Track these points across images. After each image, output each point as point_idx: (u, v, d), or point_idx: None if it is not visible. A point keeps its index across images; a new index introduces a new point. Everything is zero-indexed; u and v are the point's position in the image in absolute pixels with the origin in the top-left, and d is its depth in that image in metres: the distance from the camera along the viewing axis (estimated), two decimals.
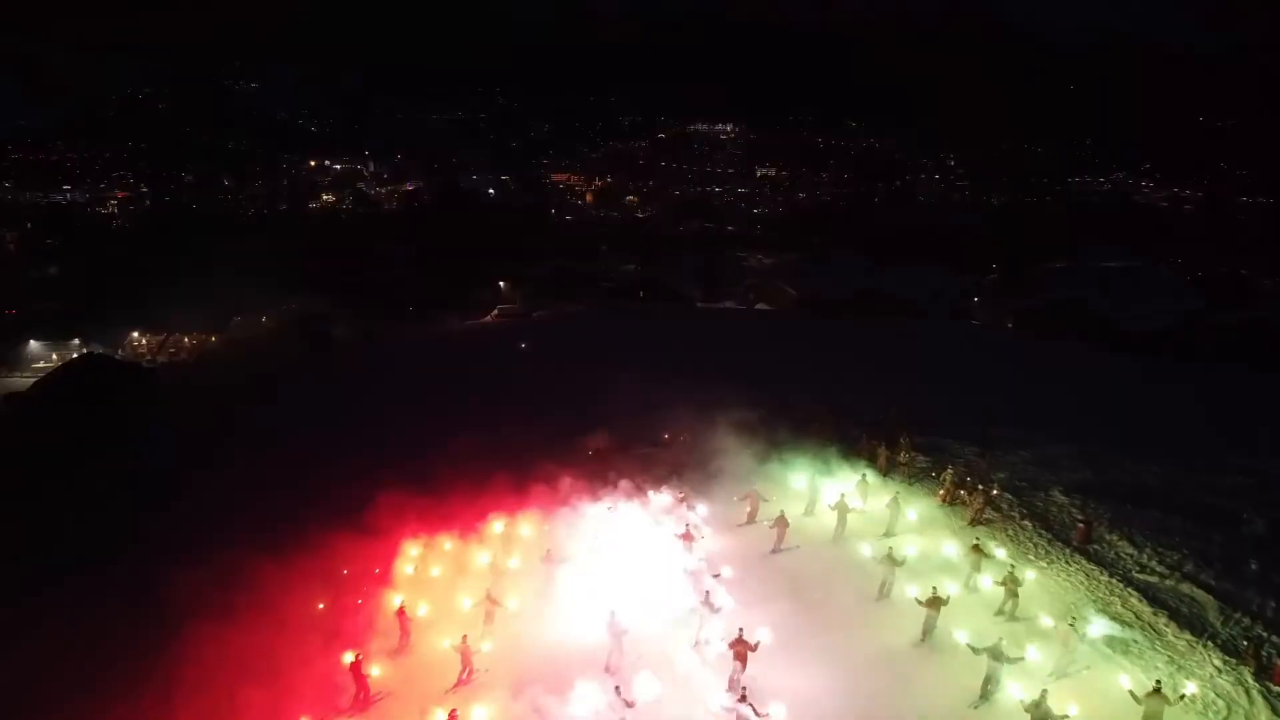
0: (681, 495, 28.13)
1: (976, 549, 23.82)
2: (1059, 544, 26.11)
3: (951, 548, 25.15)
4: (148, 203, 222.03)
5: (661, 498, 28.19)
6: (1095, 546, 26.01)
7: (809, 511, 28.60)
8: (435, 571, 25.33)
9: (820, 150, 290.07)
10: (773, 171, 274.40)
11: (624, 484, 29.12)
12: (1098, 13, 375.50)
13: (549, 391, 48.58)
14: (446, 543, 26.60)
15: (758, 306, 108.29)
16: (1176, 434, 38.80)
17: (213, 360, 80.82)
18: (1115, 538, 26.44)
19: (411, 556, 26.03)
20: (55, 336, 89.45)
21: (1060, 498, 29.55)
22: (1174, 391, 50.79)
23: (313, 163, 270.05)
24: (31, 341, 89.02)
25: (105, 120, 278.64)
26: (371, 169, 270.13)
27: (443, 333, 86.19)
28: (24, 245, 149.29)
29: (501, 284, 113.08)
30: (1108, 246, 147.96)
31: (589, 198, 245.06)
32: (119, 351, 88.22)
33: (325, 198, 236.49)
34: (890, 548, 23.52)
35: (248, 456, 40.56)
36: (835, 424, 35.85)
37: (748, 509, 28.13)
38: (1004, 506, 28.59)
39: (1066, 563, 24.92)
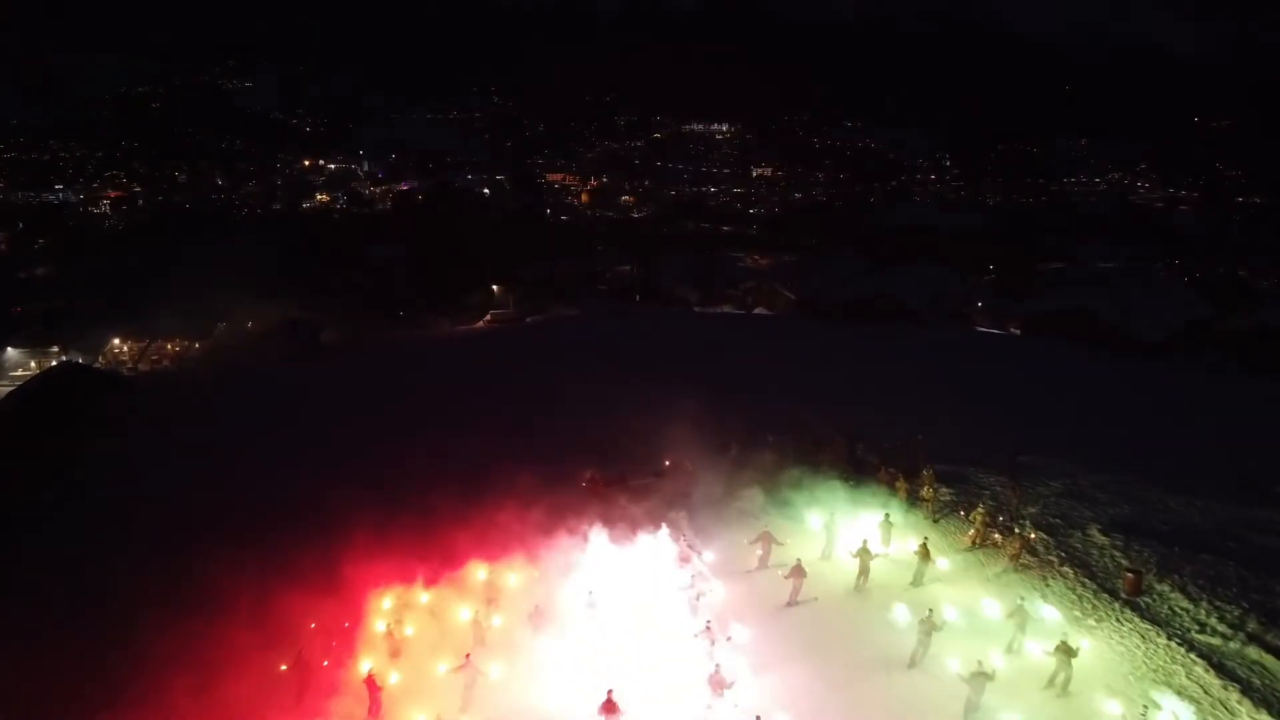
0: (686, 538, 25.41)
1: (1021, 608, 21.17)
2: (1105, 596, 23.47)
3: (992, 606, 22.42)
4: (140, 202, 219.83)
5: (664, 540, 25.47)
6: (1145, 599, 23.38)
7: (826, 555, 25.94)
8: (410, 630, 22.59)
9: (816, 150, 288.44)
10: (769, 171, 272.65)
11: (622, 524, 26.38)
12: (1093, 13, 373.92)
13: (541, 406, 46.16)
14: (423, 594, 23.88)
15: (756, 310, 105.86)
16: (1212, 459, 36.30)
17: (195, 368, 77.93)
18: (1166, 588, 23.80)
19: (384, 609, 23.37)
20: (36, 343, 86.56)
21: (1100, 538, 26.90)
22: (1198, 407, 48.45)
23: (307, 162, 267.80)
24: (9, 349, 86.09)
25: (99, 119, 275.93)
26: (366, 168, 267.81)
27: (434, 338, 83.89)
28: (15, 246, 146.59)
29: (495, 287, 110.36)
30: (1105, 247, 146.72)
31: (584, 198, 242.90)
32: (99, 359, 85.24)
33: (319, 197, 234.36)
34: (930, 611, 20.83)
35: (220, 475, 38.06)
36: (849, 450, 33.20)
37: (759, 552, 25.44)
38: (1040, 549, 25.93)
39: (1117, 620, 22.29)
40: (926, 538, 24.91)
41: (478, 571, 24.64)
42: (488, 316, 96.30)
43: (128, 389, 66.10)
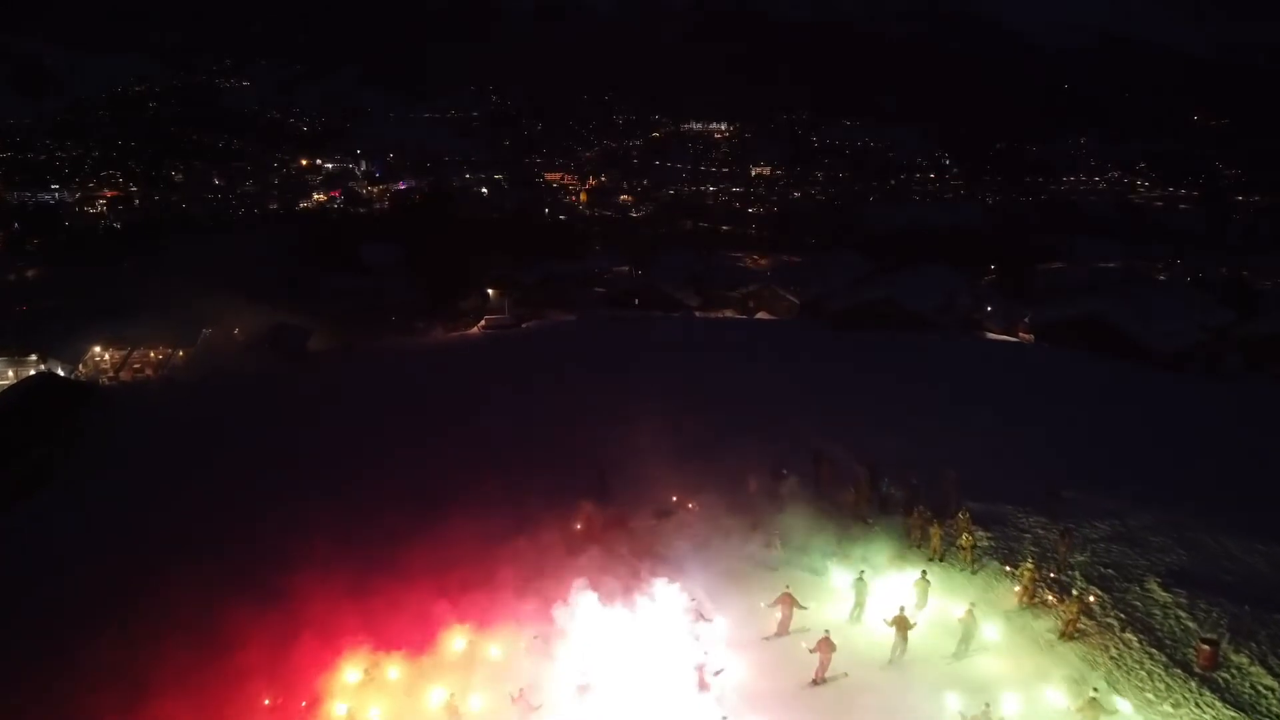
0: (693, 600, 22.23)
1: (1095, 702, 18.04)
2: (1178, 672, 20.39)
3: (1058, 695, 19.26)
4: (137, 202, 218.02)
5: (670, 604, 22.25)
6: (1223, 674, 20.33)
7: (855, 618, 22.82)
8: (375, 712, 19.49)
9: (815, 149, 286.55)
10: (767, 170, 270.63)
11: (621, 580, 23.16)
12: (1091, 14, 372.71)
13: (534, 427, 43.05)
14: (392, 668, 20.78)
15: (758, 315, 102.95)
16: (1264, 489, 33.18)
17: (175, 378, 74.87)
18: (1244, 660, 20.73)
19: (349, 685, 20.31)
20: (14, 352, 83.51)
21: (1160, 594, 23.80)
22: (1236, 426, 45.25)
23: (304, 161, 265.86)
24: None
25: (95, 119, 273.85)
26: (363, 168, 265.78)
27: (426, 346, 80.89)
28: (9, 248, 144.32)
29: (490, 291, 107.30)
30: (1105, 246, 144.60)
31: (583, 197, 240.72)
32: (80, 367, 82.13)
33: (316, 196, 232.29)
34: (987, 705, 17.66)
35: (181, 503, 35.39)
36: (873, 485, 30.01)
37: (778, 616, 22.29)
38: (1096, 610, 22.83)
39: (1197, 705, 19.19)
40: (973, 604, 21.73)
41: (455, 640, 21.52)
42: (482, 322, 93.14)
43: (103, 402, 63.28)
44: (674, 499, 29.62)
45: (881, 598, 22.77)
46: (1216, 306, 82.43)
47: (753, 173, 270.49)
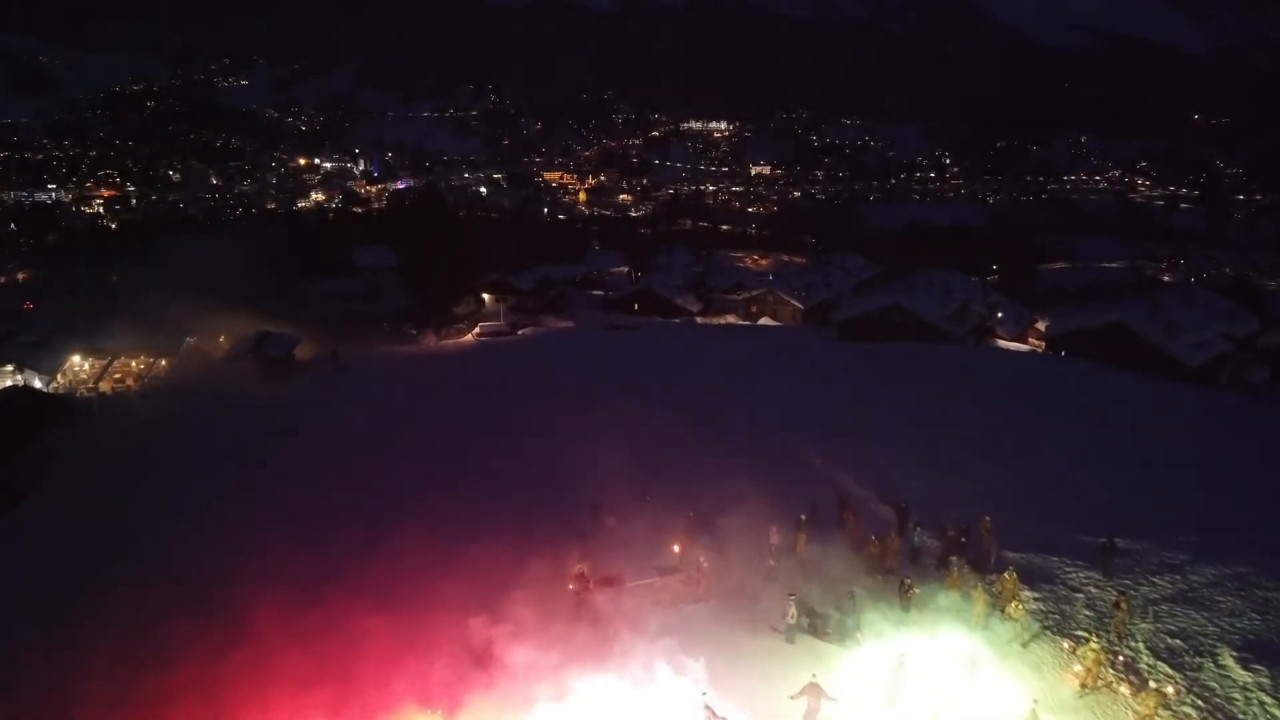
0: (704, 694, 18.93)
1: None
2: None
3: None
4: (134, 202, 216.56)
5: (673, 690, 19.07)
6: None
7: (891, 702, 19.70)
8: None
9: (815, 148, 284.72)
10: (767, 169, 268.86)
11: (621, 657, 20.01)
12: (1091, 13, 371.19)
13: (524, 457, 39.57)
14: None
15: (761, 321, 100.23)
16: None
17: (154, 390, 71.77)
18: None
19: None
20: None
21: (1238, 672, 20.67)
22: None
23: (302, 160, 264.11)
24: None
25: (92, 118, 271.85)
26: (361, 167, 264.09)
27: (417, 355, 78.03)
28: (3, 249, 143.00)
29: (486, 297, 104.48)
30: (1106, 245, 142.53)
31: (582, 196, 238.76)
32: (58, 378, 79.06)
33: (314, 196, 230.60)
34: None
35: (142, 521, 32.63)
36: (902, 533, 26.67)
37: (804, 709, 19.11)
38: (1173, 699, 19.68)
39: None
40: (1036, 700, 18.57)
41: None
42: (477, 329, 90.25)
43: (77, 417, 60.12)
44: (677, 549, 26.30)
45: (924, 685, 19.63)
46: (1238, 313, 79.34)
47: (752, 172, 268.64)
